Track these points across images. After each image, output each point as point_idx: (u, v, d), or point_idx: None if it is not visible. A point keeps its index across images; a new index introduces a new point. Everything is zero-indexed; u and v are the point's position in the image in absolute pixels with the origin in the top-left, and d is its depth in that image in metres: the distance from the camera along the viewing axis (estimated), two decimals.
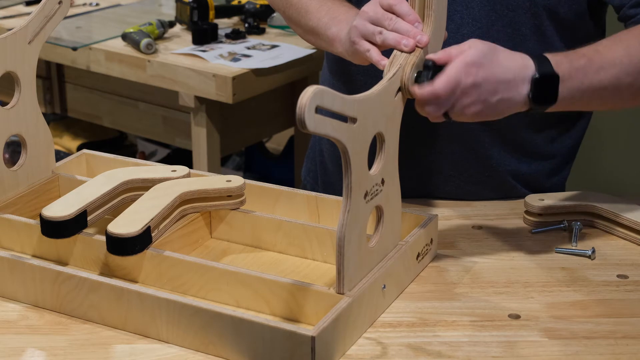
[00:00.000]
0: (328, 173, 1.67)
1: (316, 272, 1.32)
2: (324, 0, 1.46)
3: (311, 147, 1.75)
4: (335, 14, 1.42)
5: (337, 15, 1.42)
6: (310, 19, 1.46)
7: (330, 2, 1.46)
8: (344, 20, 1.40)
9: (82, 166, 1.54)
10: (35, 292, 1.23)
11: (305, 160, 1.77)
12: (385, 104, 1.19)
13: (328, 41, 1.42)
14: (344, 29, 1.38)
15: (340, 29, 1.39)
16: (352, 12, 1.41)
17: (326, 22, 1.43)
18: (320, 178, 1.69)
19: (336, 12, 1.43)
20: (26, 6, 2.92)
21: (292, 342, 1.08)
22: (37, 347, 1.17)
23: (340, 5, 1.44)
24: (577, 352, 1.15)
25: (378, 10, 1.29)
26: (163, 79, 2.45)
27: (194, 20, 2.55)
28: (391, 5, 1.28)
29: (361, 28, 1.30)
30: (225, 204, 1.38)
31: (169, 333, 1.16)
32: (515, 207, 1.50)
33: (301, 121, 1.02)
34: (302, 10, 1.48)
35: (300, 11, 1.49)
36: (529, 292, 1.27)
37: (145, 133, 2.88)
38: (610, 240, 1.41)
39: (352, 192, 1.13)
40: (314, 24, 1.45)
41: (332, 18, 1.42)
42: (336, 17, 1.42)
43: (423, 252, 1.31)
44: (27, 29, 1.38)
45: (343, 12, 1.42)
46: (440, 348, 1.15)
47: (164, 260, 1.25)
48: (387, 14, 1.28)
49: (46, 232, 1.27)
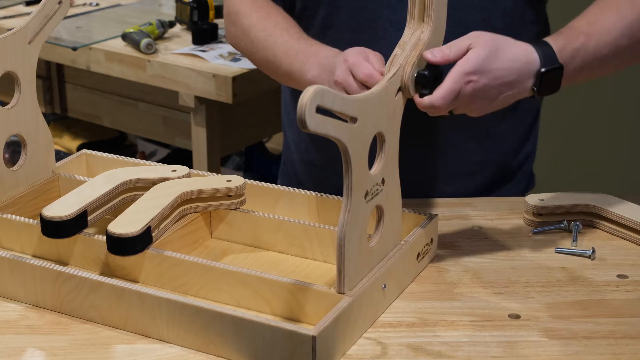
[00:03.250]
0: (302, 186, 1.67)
1: (316, 272, 1.32)
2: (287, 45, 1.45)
3: (283, 162, 1.74)
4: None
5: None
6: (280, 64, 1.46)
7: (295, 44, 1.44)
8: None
9: (82, 166, 1.54)
10: (36, 292, 1.23)
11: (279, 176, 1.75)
12: (386, 104, 1.20)
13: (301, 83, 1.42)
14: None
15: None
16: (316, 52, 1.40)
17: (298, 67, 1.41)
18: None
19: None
20: (26, 6, 2.92)
21: (293, 342, 1.08)
22: (37, 347, 1.17)
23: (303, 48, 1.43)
24: (577, 352, 1.15)
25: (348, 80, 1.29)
26: (163, 79, 2.46)
27: (194, 20, 2.55)
28: (365, 82, 1.27)
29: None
30: (225, 204, 1.38)
31: (169, 333, 1.16)
32: (515, 207, 1.50)
33: (302, 121, 1.02)
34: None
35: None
36: (529, 292, 1.27)
37: (145, 133, 2.88)
38: (610, 240, 1.41)
39: (352, 191, 1.13)
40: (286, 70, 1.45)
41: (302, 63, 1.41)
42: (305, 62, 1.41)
43: (423, 252, 1.31)
44: (27, 29, 1.38)
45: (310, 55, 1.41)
46: (440, 348, 1.15)
47: (164, 260, 1.25)
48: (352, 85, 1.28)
49: (46, 232, 1.27)
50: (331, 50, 1.39)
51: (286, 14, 1.52)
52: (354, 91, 1.26)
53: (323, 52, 1.39)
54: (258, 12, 1.51)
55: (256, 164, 3.35)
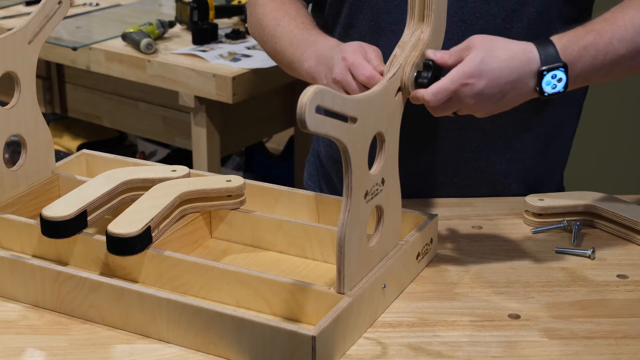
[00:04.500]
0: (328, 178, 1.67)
1: (316, 272, 1.32)
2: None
3: (312, 152, 1.74)
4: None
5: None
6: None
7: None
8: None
9: (81, 166, 1.54)
10: (36, 292, 1.23)
11: (306, 165, 1.76)
12: (386, 104, 1.19)
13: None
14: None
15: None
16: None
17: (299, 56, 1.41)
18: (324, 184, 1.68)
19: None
20: (26, 6, 2.92)
21: (293, 342, 1.08)
22: (37, 347, 1.17)
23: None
24: (577, 352, 1.15)
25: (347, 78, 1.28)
26: (163, 79, 2.46)
27: (194, 20, 2.55)
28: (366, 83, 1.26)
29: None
30: (225, 204, 1.38)
31: (169, 333, 1.16)
32: (515, 207, 1.49)
33: (302, 121, 1.02)
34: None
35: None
36: (529, 292, 1.27)
37: (145, 133, 2.88)
38: (610, 240, 1.41)
39: (352, 191, 1.13)
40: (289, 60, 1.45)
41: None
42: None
43: (423, 251, 1.31)
44: (27, 29, 1.38)
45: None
46: (440, 348, 1.15)
47: (164, 260, 1.25)
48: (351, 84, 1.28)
49: (46, 232, 1.27)
50: (330, 41, 1.38)
51: (300, 5, 1.53)
52: (354, 91, 1.26)
53: (321, 43, 1.38)
54: (273, 2, 1.52)
55: (256, 164, 3.35)
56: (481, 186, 1.55)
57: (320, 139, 1.66)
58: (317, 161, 1.69)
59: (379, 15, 1.48)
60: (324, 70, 1.33)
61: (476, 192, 1.54)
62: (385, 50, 1.31)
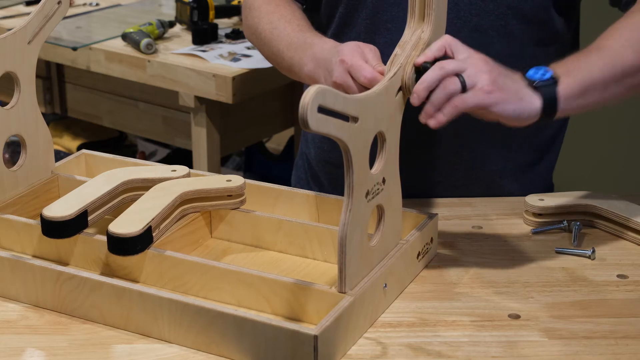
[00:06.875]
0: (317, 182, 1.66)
1: (317, 272, 1.32)
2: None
3: (300, 155, 1.74)
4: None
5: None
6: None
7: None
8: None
9: (81, 166, 1.54)
10: (36, 292, 1.23)
11: (294, 169, 1.75)
12: (387, 103, 1.20)
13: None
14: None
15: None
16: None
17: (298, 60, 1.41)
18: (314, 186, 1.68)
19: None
20: (26, 6, 2.92)
21: (295, 342, 1.08)
22: (37, 347, 1.17)
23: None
24: (577, 352, 1.15)
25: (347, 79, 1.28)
26: (163, 79, 2.46)
27: (194, 20, 2.55)
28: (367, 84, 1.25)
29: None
30: (225, 204, 1.38)
31: (171, 333, 1.16)
32: (515, 207, 1.50)
33: (304, 120, 1.02)
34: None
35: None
36: (529, 292, 1.27)
37: (145, 133, 2.88)
38: (610, 240, 1.41)
39: (353, 191, 1.13)
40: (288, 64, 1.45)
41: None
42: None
43: (423, 251, 1.31)
44: (26, 29, 1.38)
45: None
46: (440, 348, 1.15)
47: (165, 260, 1.25)
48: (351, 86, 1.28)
49: (47, 232, 1.27)
50: (327, 43, 1.38)
51: (295, 7, 1.52)
52: (355, 93, 1.26)
53: (318, 46, 1.38)
54: (268, 5, 1.52)
55: (256, 164, 3.35)
56: (477, 185, 1.55)
57: (309, 142, 1.66)
58: (306, 164, 1.69)
59: (374, 13, 1.48)
60: (324, 74, 1.33)
61: (471, 191, 1.55)
62: (381, 48, 1.32)
